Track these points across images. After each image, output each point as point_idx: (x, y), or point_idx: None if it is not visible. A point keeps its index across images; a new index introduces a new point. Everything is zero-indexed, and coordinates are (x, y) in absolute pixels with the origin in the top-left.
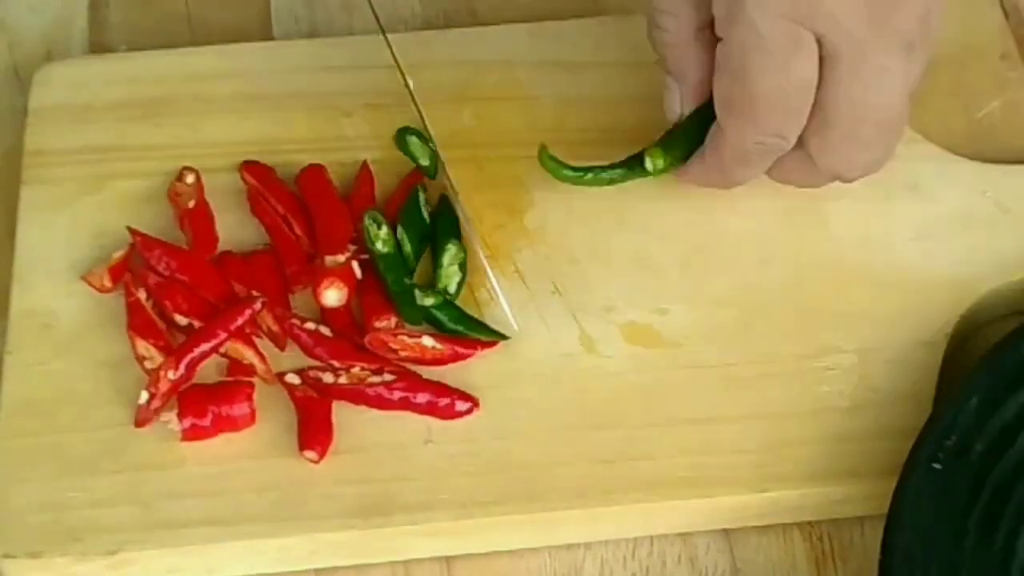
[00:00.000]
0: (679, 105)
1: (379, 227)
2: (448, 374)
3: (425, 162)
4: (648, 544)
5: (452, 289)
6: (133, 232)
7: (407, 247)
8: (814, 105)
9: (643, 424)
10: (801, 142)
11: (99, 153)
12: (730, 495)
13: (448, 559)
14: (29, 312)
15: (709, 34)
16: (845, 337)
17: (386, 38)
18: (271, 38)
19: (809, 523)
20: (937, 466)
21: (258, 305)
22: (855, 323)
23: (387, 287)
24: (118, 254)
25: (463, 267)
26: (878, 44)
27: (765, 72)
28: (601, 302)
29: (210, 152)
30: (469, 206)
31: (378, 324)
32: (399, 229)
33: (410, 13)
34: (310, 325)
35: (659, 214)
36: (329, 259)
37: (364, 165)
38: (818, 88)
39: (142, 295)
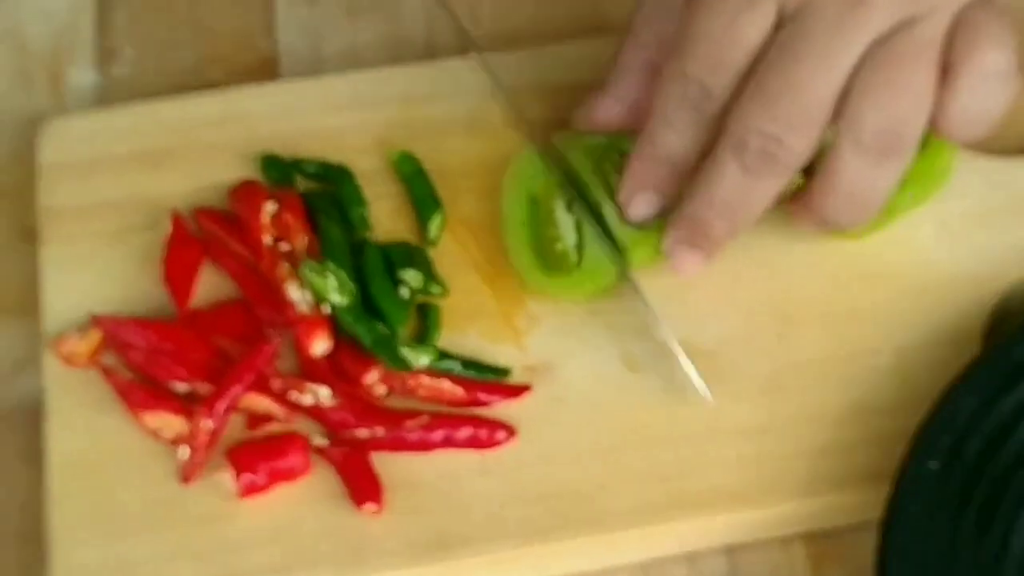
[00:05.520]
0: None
1: (324, 277)
2: None
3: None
4: None
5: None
6: (98, 321)
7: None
8: (752, 71)
9: (692, 437)
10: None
11: (114, 207)
12: (783, 504)
13: None
14: (65, 371)
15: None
16: (878, 338)
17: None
18: (275, 40)
19: None
20: (934, 465)
21: (274, 341)
22: (883, 324)
23: (361, 341)
24: (93, 335)
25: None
26: (833, 30)
27: (711, 15)
28: (639, 319)
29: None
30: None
31: (367, 380)
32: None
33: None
34: (308, 399)
35: None
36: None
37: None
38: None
39: (127, 374)
